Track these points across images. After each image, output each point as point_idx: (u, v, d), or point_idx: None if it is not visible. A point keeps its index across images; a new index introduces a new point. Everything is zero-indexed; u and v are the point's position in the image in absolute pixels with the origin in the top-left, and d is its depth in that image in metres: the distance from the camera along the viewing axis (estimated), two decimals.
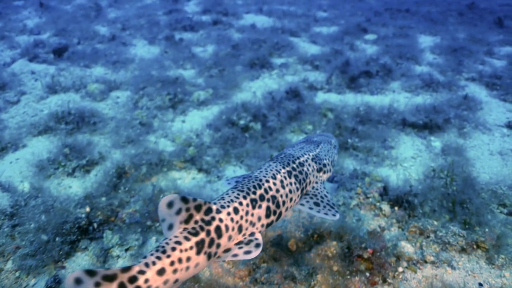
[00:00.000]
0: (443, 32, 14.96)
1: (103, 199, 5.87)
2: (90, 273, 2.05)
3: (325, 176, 4.17)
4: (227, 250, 2.91)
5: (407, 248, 4.75)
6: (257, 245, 2.96)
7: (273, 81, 10.05)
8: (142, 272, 2.29)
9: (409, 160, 6.80)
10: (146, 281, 2.29)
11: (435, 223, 5.03)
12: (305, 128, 7.61)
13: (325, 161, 4.14)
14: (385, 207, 5.38)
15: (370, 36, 13.64)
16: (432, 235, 4.93)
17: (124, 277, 2.19)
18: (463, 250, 4.77)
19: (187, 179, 6.60)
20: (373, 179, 5.84)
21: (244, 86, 9.75)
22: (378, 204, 5.44)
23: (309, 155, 3.98)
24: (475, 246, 4.79)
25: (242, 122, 7.49)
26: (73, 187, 6.55)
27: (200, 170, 6.73)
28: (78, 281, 2.02)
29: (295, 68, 10.75)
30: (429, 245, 4.84)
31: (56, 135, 7.88)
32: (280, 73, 10.43)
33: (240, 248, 2.94)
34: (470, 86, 9.98)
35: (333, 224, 4.94)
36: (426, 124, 7.58)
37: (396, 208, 5.41)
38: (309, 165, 3.88)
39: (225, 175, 6.59)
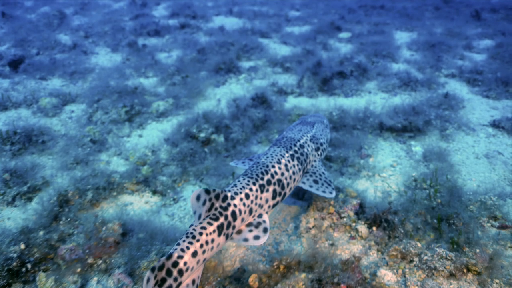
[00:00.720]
0: (419, 27, 14.54)
1: (41, 233, 5.10)
2: (152, 269, 2.56)
3: (322, 154, 4.66)
4: (239, 232, 3.39)
5: (388, 277, 4.12)
6: (265, 230, 3.43)
7: (241, 86, 9.39)
8: (180, 257, 2.78)
9: (388, 169, 6.19)
10: (185, 263, 2.78)
11: (419, 244, 4.40)
12: (273, 138, 6.96)
13: (321, 140, 4.63)
14: (362, 228, 4.74)
15: (344, 35, 13.11)
16: (416, 259, 4.30)
17: (169, 264, 2.69)
18: (451, 275, 4.15)
19: (139, 203, 5.87)
20: (348, 195, 5.20)
21: (208, 94, 9.06)
22: (353, 224, 4.80)
23: (307, 136, 4.44)
24: (465, 270, 4.17)
25: (202, 135, 6.80)
26: (12, 218, 5.76)
27: (154, 192, 6.02)
28: (148, 280, 2.51)
29: (264, 72, 10.11)
30: (413, 271, 4.20)
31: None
32: (248, 78, 9.78)
33: (250, 231, 3.41)
34: (450, 83, 9.49)
35: (303, 252, 4.29)
36: (405, 128, 7.01)
37: (374, 228, 4.78)
38: (308, 145, 4.35)
39: (182, 197, 5.89)
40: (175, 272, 2.73)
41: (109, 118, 8.21)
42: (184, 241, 2.90)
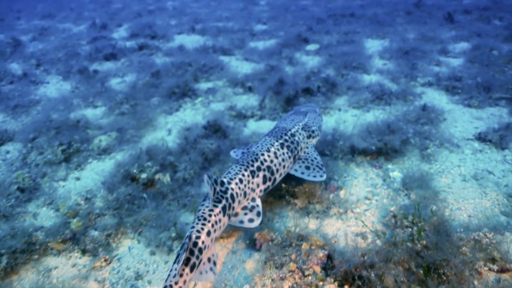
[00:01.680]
0: (391, 33, 13.90)
1: None
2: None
3: (314, 141, 5.12)
4: (235, 215, 3.94)
5: None
6: (258, 213, 4.00)
7: (196, 111, 8.46)
8: (198, 237, 3.27)
9: (362, 203, 5.30)
10: (203, 242, 3.28)
11: None
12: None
13: (313, 128, 5.07)
14: None
15: (311, 47, 12.35)
16: None
17: (190, 245, 3.19)
18: None
19: (65, 267, 4.85)
20: (313, 244, 4.28)
21: (159, 123, 8.11)
22: (320, 284, 3.86)
23: (299, 125, 4.90)
24: None
25: (144, 175, 5.83)
26: None
27: (84, 251, 5.00)
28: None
29: (223, 93, 9.22)
30: None
31: None
32: (206, 101, 8.87)
33: (245, 214, 3.97)
34: (427, 93, 8.73)
35: None
36: (380, 150, 6.15)
37: (346, 287, 3.85)
38: (300, 134, 4.80)
39: (116, 256, 4.89)
40: (196, 251, 3.18)
41: (44, 159, 7.18)
42: (197, 223, 3.38)
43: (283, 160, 4.47)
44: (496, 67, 10.16)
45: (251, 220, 3.95)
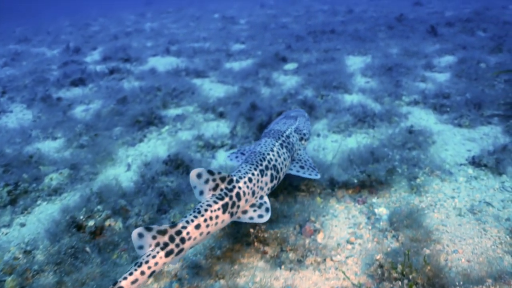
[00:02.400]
0: (373, 49, 13.39)
1: None
2: (148, 229, 3.13)
3: (305, 143, 5.40)
4: (245, 212, 4.03)
5: None
6: (267, 209, 4.09)
7: (162, 142, 7.72)
8: (184, 227, 3.34)
9: (343, 248, 4.57)
10: (188, 233, 3.34)
11: None
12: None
13: (304, 131, 5.39)
14: None
15: (289, 66, 11.74)
16: None
17: (172, 231, 3.25)
18: None
19: None
20: None
21: (119, 156, 7.35)
22: None
23: (291, 128, 5.23)
24: None
25: (91, 223, 5.04)
26: None
27: None
28: (140, 235, 3.13)
29: (193, 120, 8.51)
30: None
31: None
32: (173, 130, 8.14)
33: (255, 211, 4.06)
34: (414, 113, 8.11)
35: None
36: (363, 183, 5.44)
37: None
38: (293, 136, 5.14)
39: None
40: (177, 239, 3.27)
41: None
42: (190, 215, 3.48)
43: (284, 159, 4.66)
44: (485, 81, 9.64)
45: (260, 216, 4.02)
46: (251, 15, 28.41)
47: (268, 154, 4.45)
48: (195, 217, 3.45)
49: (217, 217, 3.59)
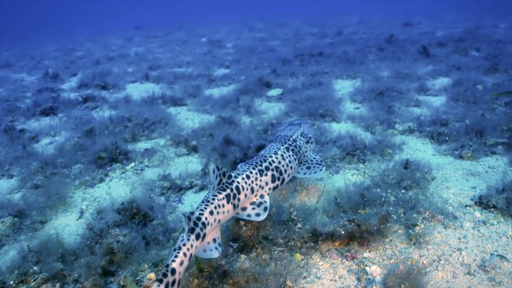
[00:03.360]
0: (363, 72, 12.69)
1: None
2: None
3: (311, 146, 5.69)
4: (244, 209, 4.27)
5: None
6: (265, 208, 4.31)
7: (124, 181, 6.82)
8: (201, 214, 3.63)
9: None
10: (206, 218, 3.62)
11: None
12: (144, 277, 4.32)
13: (309, 135, 5.73)
14: None
15: (273, 92, 10.97)
16: None
17: (193, 218, 3.50)
18: None
19: None
20: None
21: (74, 200, 6.42)
22: None
23: (297, 132, 5.52)
24: None
25: None
26: None
27: None
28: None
29: (163, 155, 7.63)
30: None
31: None
32: (139, 167, 7.24)
33: (253, 209, 4.29)
34: (409, 143, 7.30)
35: None
36: (352, 234, 4.56)
37: None
38: (300, 139, 5.40)
39: None
40: (200, 224, 3.53)
41: None
42: (202, 204, 3.78)
43: (289, 161, 4.89)
44: (484, 104, 8.90)
45: (257, 214, 4.24)
46: (239, 39, 27.89)
47: (271, 156, 4.73)
48: (207, 205, 3.74)
49: (223, 205, 3.88)
